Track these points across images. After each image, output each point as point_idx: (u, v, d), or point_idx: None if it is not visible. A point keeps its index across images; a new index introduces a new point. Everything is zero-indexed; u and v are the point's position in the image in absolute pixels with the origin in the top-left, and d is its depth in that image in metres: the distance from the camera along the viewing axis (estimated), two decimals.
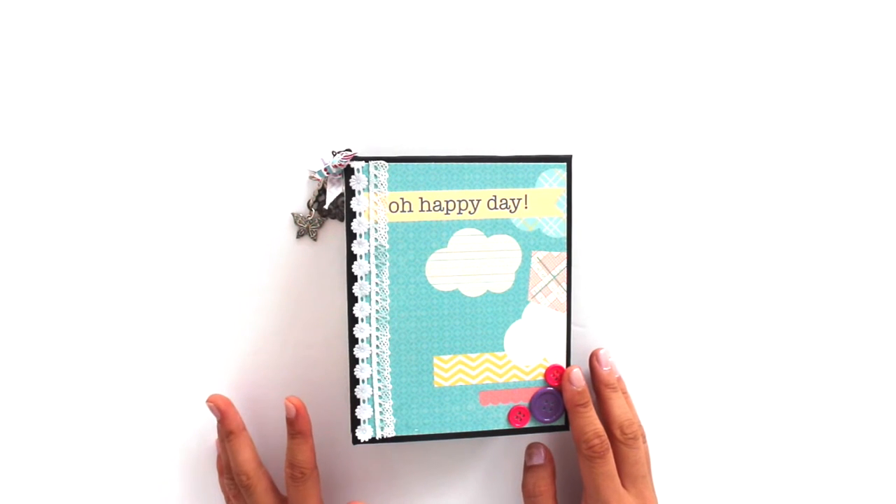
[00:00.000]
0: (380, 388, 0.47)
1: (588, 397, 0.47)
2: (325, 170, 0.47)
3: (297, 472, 0.46)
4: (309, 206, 0.49)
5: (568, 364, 0.48)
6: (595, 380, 0.50)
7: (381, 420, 0.47)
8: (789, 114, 0.54)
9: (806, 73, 0.54)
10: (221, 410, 0.47)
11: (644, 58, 0.52)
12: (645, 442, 0.49)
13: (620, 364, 0.53)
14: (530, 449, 0.50)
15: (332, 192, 0.48)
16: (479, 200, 0.46)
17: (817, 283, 0.55)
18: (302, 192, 0.50)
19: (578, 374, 0.47)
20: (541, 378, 0.48)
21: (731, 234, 0.54)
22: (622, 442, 0.47)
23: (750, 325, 0.55)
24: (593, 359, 0.50)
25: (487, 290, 0.47)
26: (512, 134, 0.51)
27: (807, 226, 0.55)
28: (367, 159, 0.45)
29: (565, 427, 0.48)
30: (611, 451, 0.46)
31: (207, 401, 0.48)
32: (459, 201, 0.46)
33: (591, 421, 0.46)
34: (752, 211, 0.54)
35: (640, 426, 0.48)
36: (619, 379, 0.51)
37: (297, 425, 0.46)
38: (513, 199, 0.47)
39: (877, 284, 0.56)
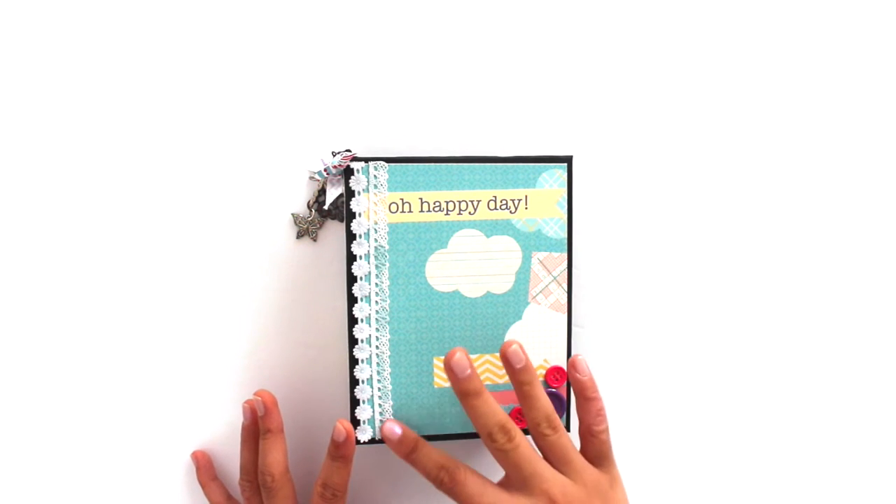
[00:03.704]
0: (379, 389, 0.47)
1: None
2: (325, 170, 0.47)
3: (328, 492, 0.45)
4: (309, 207, 0.49)
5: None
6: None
7: (381, 421, 0.47)
8: (789, 114, 0.54)
9: (806, 73, 0.53)
10: (267, 407, 0.46)
11: (644, 58, 0.52)
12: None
13: (620, 365, 0.53)
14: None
15: (332, 193, 0.48)
16: (479, 201, 0.46)
17: (818, 283, 0.55)
18: (302, 193, 0.50)
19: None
20: (542, 379, 0.48)
21: (732, 234, 0.54)
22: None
23: (750, 326, 0.55)
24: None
25: (487, 291, 0.47)
26: (512, 134, 0.51)
27: (807, 226, 0.55)
28: (366, 160, 0.45)
29: (566, 428, 0.48)
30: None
31: (255, 394, 0.47)
32: (459, 202, 0.46)
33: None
34: (752, 211, 0.54)
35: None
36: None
37: (341, 449, 0.45)
38: (513, 200, 0.47)
39: (877, 285, 0.56)
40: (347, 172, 0.45)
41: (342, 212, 0.49)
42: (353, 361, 0.46)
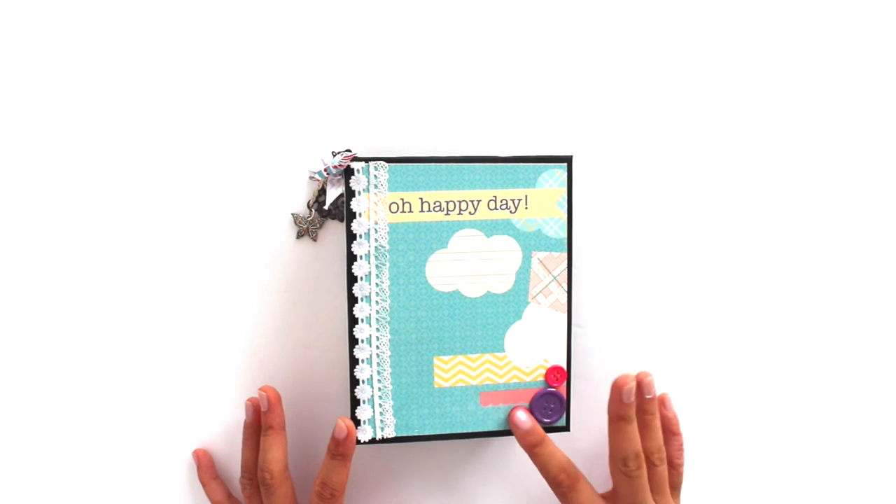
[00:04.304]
0: (380, 389, 0.47)
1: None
2: (325, 170, 0.47)
3: (326, 492, 0.45)
4: (309, 207, 0.49)
5: (569, 365, 0.48)
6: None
7: (382, 421, 0.47)
8: (789, 114, 0.54)
9: (806, 73, 0.53)
10: (271, 402, 0.46)
11: (644, 58, 0.52)
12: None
13: (620, 365, 0.53)
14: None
15: (332, 193, 0.48)
16: (479, 201, 0.46)
17: (818, 282, 0.55)
18: (302, 193, 0.50)
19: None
20: (541, 379, 0.48)
21: (731, 233, 0.54)
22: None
23: (750, 326, 0.55)
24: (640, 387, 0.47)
25: (488, 291, 0.47)
26: (512, 134, 0.51)
27: (807, 225, 0.55)
28: (366, 160, 0.45)
29: (566, 428, 0.48)
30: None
31: (259, 390, 0.47)
32: (459, 202, 0.46)
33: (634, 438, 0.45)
34: (752, 211, 0.54)
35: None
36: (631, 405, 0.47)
37: (341, 446, 0.45)
38: (513, 200, 0.47)
39: (877, 284, 0.56)
40: (347, 172, 0.45)
41: (342, 212, 0.49)
42: (354, 361, 0.46)
